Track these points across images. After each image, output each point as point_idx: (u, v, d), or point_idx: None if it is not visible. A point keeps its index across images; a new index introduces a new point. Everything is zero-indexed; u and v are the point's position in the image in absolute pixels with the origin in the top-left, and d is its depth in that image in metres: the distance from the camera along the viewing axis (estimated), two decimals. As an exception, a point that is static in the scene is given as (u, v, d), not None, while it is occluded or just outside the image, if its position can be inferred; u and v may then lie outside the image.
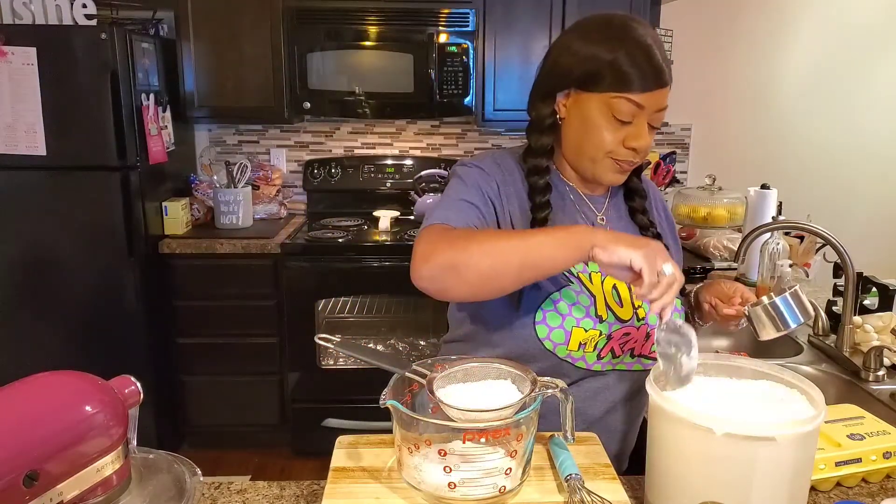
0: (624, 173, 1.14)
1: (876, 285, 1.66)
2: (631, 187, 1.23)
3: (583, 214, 1.19)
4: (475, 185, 1.12)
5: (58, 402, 0.74)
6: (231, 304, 2.80)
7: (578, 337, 1.10)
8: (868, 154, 3.42)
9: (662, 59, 1.06)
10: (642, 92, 1.05)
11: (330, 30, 2.84)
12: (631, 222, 1.22)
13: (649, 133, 1.10)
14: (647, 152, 1.13)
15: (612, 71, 1.05)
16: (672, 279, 0.90)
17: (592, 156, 1.12)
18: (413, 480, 0.86)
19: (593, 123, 1.09)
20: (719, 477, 0.81)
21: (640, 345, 1.15)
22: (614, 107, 1.06)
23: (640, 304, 1.14)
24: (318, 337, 0.98)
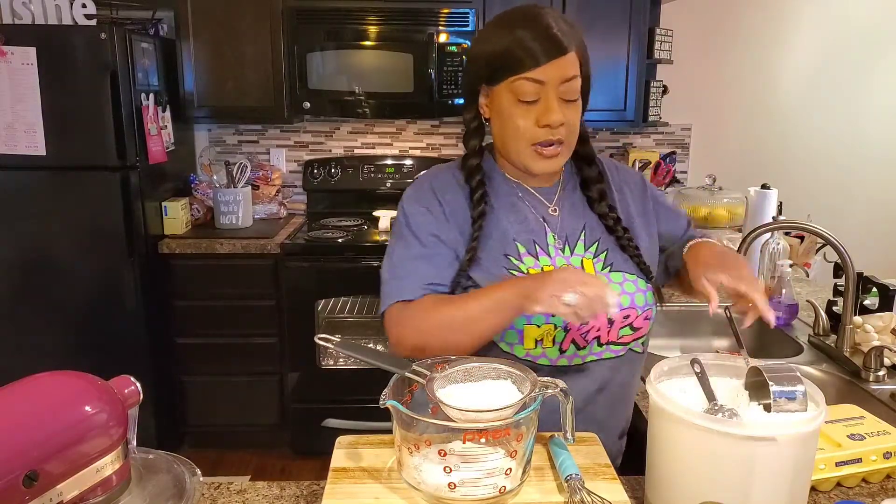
0: (551, 158, 1.12)
1: (876, 285, 1.65)
2: (583, 177, 1.22)
3: (532, 209, 1.18)
4: (424, 232, 1.14)
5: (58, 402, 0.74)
6: (231, 304, 2.80)
7: (532, 334, 1.10)
8: (868, 154, 3.42)
9: (558, 29, 1.07)
10: (537, 67, 1.06)
11: (330, 30, 2.84)
12: (588, 211, 1.20)
13: (566, 108, 1.09)
14: (572, 130, 1.12)
15: (506, 57, 1.08)
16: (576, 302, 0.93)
17: (515, 147, 1.13)
18: (413, 481, 0.86)
19: (506, 114, 1.11)
20: (719, 477, 0.81)
21: (606, 332, 1.13)
22: (517, 90, 1.08)
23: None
24: (318, 337, 0.98)
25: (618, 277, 1.15)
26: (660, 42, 3.04)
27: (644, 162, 3.14)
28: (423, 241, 1.14)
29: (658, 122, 3.25)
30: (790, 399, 0.84)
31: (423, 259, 1.13)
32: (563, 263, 1.14)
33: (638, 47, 2.93)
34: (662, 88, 3.19)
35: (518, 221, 1.17)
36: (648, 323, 1.18)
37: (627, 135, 3.41)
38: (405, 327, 1.09)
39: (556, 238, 1.17)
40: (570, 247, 1.16)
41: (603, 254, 1.17)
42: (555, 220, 1.18)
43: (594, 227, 1.19)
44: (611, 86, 2.97)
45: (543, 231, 1.17)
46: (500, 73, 1.09)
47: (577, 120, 1.12)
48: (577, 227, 1.18)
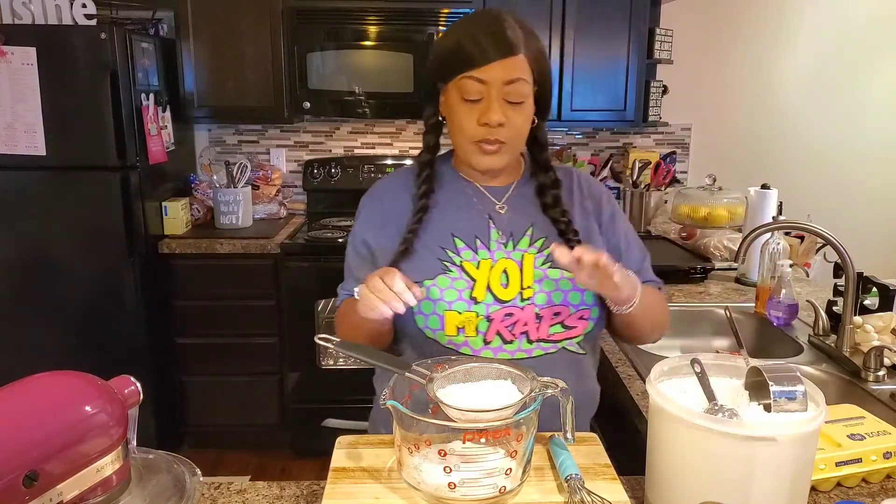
0: (492, 157, 1.15)
1: (876, 285, 1.65)
2: (539, 182, 1.23)
3: (480, 206, 1.21)
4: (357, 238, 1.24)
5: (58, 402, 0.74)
6: (231, 304, 2.80)
7: (453, 320, 1.12)
8: (868, 154, 3.42)
9: (510, 30, 1.10)
10: (482, 66, 1.08)
11: (330, 30, 2.84)
12: (540, 213, 1.22)
13: (509, 109, 1.11)
14: (515, 132, 1.13)
15: (454, 55, 1.11)
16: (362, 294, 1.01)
17: (461, 143, 1.17)
18: (413, 481, 0.86)
19: (454, 111, 1.14)
20: (719, 477, 0.81)
21: (534, 328, 1.14)
22: (462, 89, 1.11)
23: (528, 285, 1.14)
24: (318, 337, 0.98)
25: (555, 274, 1.15)
26: (660, 42, 3.04)
27: (644, 162, 3.14)
28: (357, 247, 1.24)
29: (658, 122, 3.25)
30: (790, 399, 0.84)
31: (350, 269, 1.25)
32: (502, 257, 1.16)
33: (638, 47, 2.93)
34: (662, 88, 3.19)
35: (462, 218, 1.19)
36: (586, 323, 1.16)
37: (627, 135, 3.41)
38: (337, 331, 1.24)
39: (500, 234, 1.19)
40: (513, 242, 1.18)
41: (547, 250, 1.17)
42: (501, 217, 1.21)
43: (542, 227, 1.21)
44: (611, 86, 2.97)
45: (487, 227, 1.19)
46: (451, 71, 1.12)
47: (520, 122, 1.14)
48: (524, 224, 1.20)
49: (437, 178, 1.22)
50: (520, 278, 1.14)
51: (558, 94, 2.96)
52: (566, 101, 2.97)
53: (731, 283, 2.21)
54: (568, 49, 2.91)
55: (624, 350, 1.58)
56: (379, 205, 1.24)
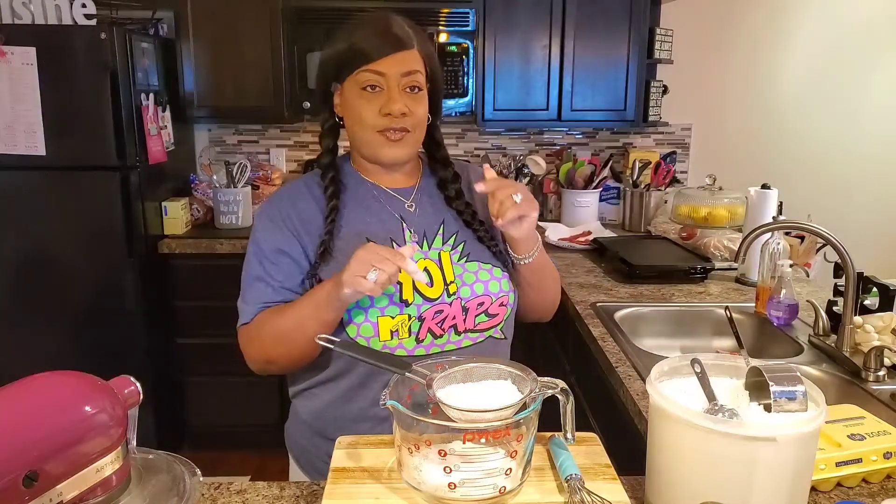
0: (397, 146, 1.17)
1: (876, 285, 1.65)
2: (440, 177, 1.27)
3: (389, 207, 1.22)
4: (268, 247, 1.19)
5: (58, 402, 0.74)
6: (231, 304, 2.74)
7: (387, 325, 1.13)
8: (868, 154, 3.42)
9: (399, 28, 1.14)
10: (378, 59, 1.12)
11: (330, 30, 2.83)
12: (446, 207, 1.25)
13: (410, 99, 1.14)
14: (417, 121, 1.16)
15: (351, 52, 1.13)
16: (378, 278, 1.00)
17: (363, 137, 1.17)
18: (413, 481, 0.86)
19: (353, 106, 1.15)
20: (719, 477, 0.81)
21: (461, 320, 1.16)
22: (360, 81, 1.13)
23: (451, 280, 1.17)
24: (319, 337, 0.98)
25: (473, 267, 1.20)
26: (660, 42, 3.04)
27: (644, 162, 3.14)
28: (268, 256, 1.19)
29: (658, 122, 3.25)
30: (790, 399, 0.84)
31: (261, 279, 1.19)
32: (420, 258, 1.17)
33: (638, 47, 2.93)
34: (662, 88, 3.19)
35: (374, 220, 1.21)
36: (506, 309, 1.21)
37: (627, 135, 3.41)
38: (248, 348, 1.21)
39: (414, 233, 1.20)
40: (427, 241, 1.20)
41: (460, 245, 1.22)
42: (412, 216, 1.23)
43: (451, 222, 1.24)
44: (611, 86, 2.98)
45: (400, 227, 1.21)
46: (347, 68, 1.15)
47: (422, 112, 1.17)
48: (435, 221, 1.23)
49: (341, 181, 1.23)
50: (441, 275, 1.17)
51: (558, 94, 2.96)
52: (566, 101, 2.97)
53: (731, 283, 2.21)
54: (568, 49, 2.91)
55: (624, 350, 1.58)
56: (283, 215, 1.20)
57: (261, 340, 1.18)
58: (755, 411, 0.87)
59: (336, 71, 1.17)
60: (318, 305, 1.10)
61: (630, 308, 1.91)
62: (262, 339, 1.17)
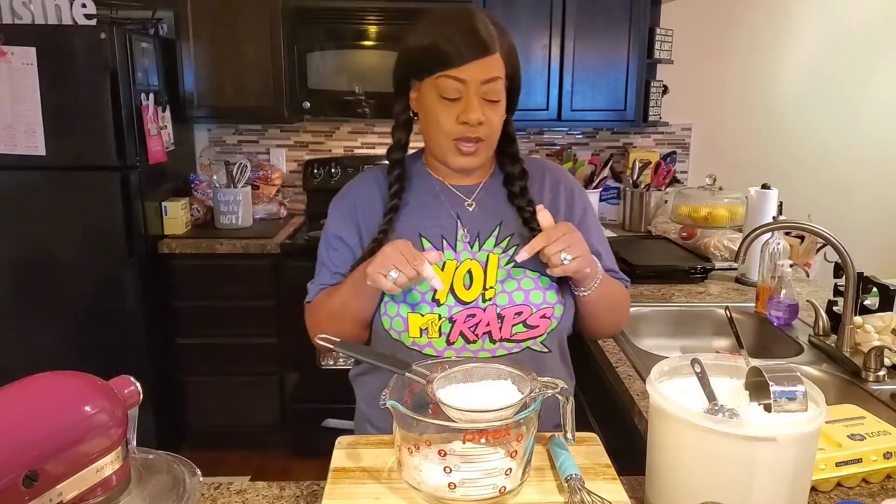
0: (469, 155, 1.16)
1: (876, 285, 1.65)
2: (507, 172, 1.24)
3: (448, 205, 1.22)
4: (331, 234, 1.25)
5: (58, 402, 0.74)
6: (231, 304, 2.80)
7: (417, 322, 1.12)
8: (868, 154, 3.42)
9: (484, 29, 1.10)
10: (460, 66, 1.09)
11: (330, 30, 2.84)
12: (508, 207, 1.23)
13: (487, 108, 1.12)
14: (492, 129, 1.15)
15: (432, 54, 1.11)
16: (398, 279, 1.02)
17: (438, 141, 1.16)
18: (413, 481, 0.86)
19: (431, 109, 1.14)
20: (719, 477, 0.81)
21: (496, 328, 1.14)
22: (440, 87, 1.11)
23: (491, 285, 1.15)
24: (319, 337, 0.98)
25: (518, 273, 1.16)
26: (660, 42, 3.04)
27: (644, 162, 3.14)
28: (330, 242, 1.24)
29: (658, 122, 3.25)
30: (790, 399, 0.84)
31: (323, 264, 1.24)
32: (467, 258, 1.17)
33: (638, 47, 2.93)
34: (662, 88, 3.19)
35: (429, 217, 1.20)
36: (549, 322, 1.16)
37: (627, 135, 3.41)
38: (309, 326, 1.24)
39: (467, 233, 1.19)
40: (479, 242, 1.19)
41: (512, 249, 1.18)
42: (469, 215, 1.21)
43: (510, 223, 1.21)
44: (611, 86, 2.97)
45: (455, 226, 1.20)
46: (427, 69, 1.12)
47: (498, 120, 1.16)
48: (492, 222, 1.21)
49: (408, 177, 1.23)
50: (483, 279, 1.15)
51: (558, 94, 2.97)
52: (566, 101, 2.97)
53: (731, 283, 2.21)
54: (568, 49, 2.91)
55: (624, 350, 1.58)
56: (350, 204, 1.25)
57: (317, 319, 1.22)
58: (755, 411, 0.87)
59: (416, 68, 1.15)
60: (354, 287, 1.13)
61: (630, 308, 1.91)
62: (318, 317, 1.22)
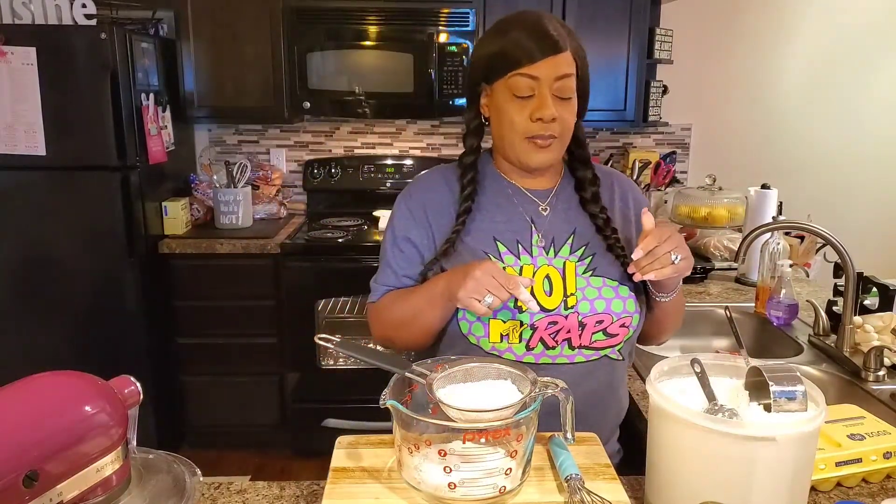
0: (545, 151, 1.15)
1: (876, 285, 1.65)
2: (578, 177, 1.24)
3: (521, 209, 1.21)
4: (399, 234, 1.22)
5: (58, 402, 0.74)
6: (231, 304, 2.80)
7: (498, 328, 1.12)
8: (868, 154, 3.42)
9: (554, 29, 1.11)
10: (532, 63, 1.10)
11: (330, 30, 2.84)
12: (581, 214, 1.22)
13: (560, 105, 1.12)
14: (566, 127, 1.15)
15: (503, 55, 1.12)
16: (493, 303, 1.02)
17: (511, 141, 1.16)
18: (413, 481, 0.86)
19: (503, 110, 1.14)
20: (719, 477, 0.81)
21: (577, 335, 1.14)
22: (513, 86, 1.12)
23: (571, 292, 1.14)
24: (318, 337, 0.98)
25: (597, 282, 1.16)
26: (660, 42, 3.04)
27: (644, 162, 3.14)
28: (397, 242, 1.22)
29: (658, 122, 3.25)
30: (790, 399, 0.84)
31: (390, 264, 1.22)
32: (544, 264, 1.16)
33: (638, 47, 2.93)
34: (662, 88, 3.19)
35: (504, 220, 1.19)
36: (627, 331, 1.17)
37: (627, 135, 3.41)
38: (373, 325, 1.25)
39: (541, 238, 1.18)
40: (554, 248, 1.18)
41: (588, 258, 1.18)
42: (543, 220, 1.20)
43: (584, 231, 1.20)
44: (611, 86, 2.97)
45: (529, 231, 1.19)
46: (498, 71, 1.13)
47: (570, 118, 1.15)
48: (566, 229, 1.20)
49: (480, 180, 1.22)
50: (563, 286, 1.14)
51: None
52: (566, 101, 2.97)
53: (731, 283, 2.21)
54: (568, 49, 2.91)
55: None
56: (419, 204, 1.23)
57: (382, 321, 1.22)
58: (755, 411, 0.88)
59: (486, 72, 1.16)
60: (432, 300, 1.12)
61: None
62: (383, 320, 1.22)
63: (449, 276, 1.10)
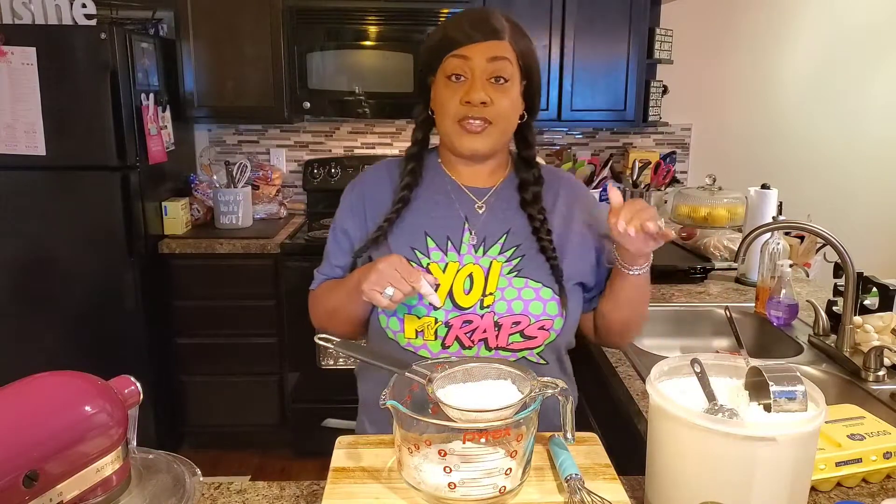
0: (476, 137, 1.15)
1: (876, 285, 1.65)
2: (522, 178, 1.23)
3: (458, 205, 1.21)
4: (338, 226, 1.25)
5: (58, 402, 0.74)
6: (231, 304, 2.80)
7: (412, 324, 1.12)
8: (868, 154, 3.42)
9: (496, 20, 1.13)
10: (465, 45, 1.11)
11: (330, 30, 2.84)
12: (519, 214, 1.21)
13: (494, 90, 1.12)
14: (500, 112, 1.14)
15: (443, 40, 1.14)
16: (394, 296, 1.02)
17: (446, 127, 1.17)
18: (413, 481, 0.86)
19: (439, 94, 1.15)
20: (719, 477, 0.81)
21: (493, 335, 1.13)
22: (446, 68, 1.13)
23: (490, 292, 1.13)
24: (318, 337, 0.98)
25: (519, 283, 1.15)
26: (660, 42, 3.04)
27: (644, 162, 3.14)
28: (335, 233, 1.26)
29: (658, 122, 3.25)
30: (790, 399, 0.84)
31: (328, 254, 1.27)
32: (470, 262, 1.15)
33: (638, 47, 2.93)
34: (662, 88, 3.19)
35: (439, 216, 1.19)
36: (547, 334, 1.15)
37: (627, 135, 3.41)
38: (311, 314, 1.28)
39: (473, 236, 1.18)
40: (484, 247, 1.17)
41: (517, 259, 1.17)
42: (478, 218, 1.20)
43: (519, 232, 1.19)
44: (611, 86, 2.98)
45: (461, 228, 1.19)
46: (438, 57, 1.14)
47: (507, 104, 1.14)
48: (500, 229, 1.19)
49: (422, 173, 1.23)
50: (483, 285, 1.14)
51: (558, 94, 2.97)
52: (566, 101, 2.97)
53: (731, 283, 2.21)
54: (568, 49, 2.91)
55: (624, 350, 1.58)
56: (358, 195, 1.25)
57: (317, 310, 1.26)
58: (755, 411, 0.88)
59: (430, 62, 1.17)
60: (349, 291, 1.13)
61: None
62: (318, 309, 1.26)
63: (362, 270, 1.10)
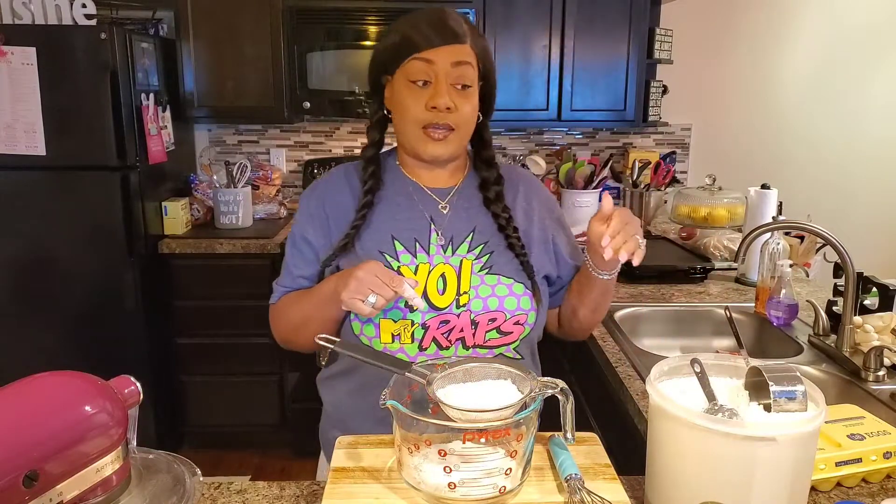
0: (440, 144, 1.15)
1: (876, 285, 1.65)
2: (483, 177, 1.23)
3: (421, 206, 1.20)
4: (298, 234, 1.22)
5: (58, 402, 0.74)
6: (231, 304, 2.80)
7: (389, 328, 1.12)
8: (868, 154, 3.42)
9: (455, 23, 1.12)
10: (429, 48, 1.10)
11: (330, 30, 2.84)
12: (483, 213, 1.22)
13: (458, 95, 1.12)
14: (463, 118, 1.14)
15: (403, 41, 1.12)
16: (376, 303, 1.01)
17: (408, 132, 1.15)
18: (413, 481, 0.86)
19: (401, 97, 1.14)
20: (719, 477, 0.81)
21: (470, 334, 1.13)
22: (408, 72, 1.12)
23: (464, 291, 1.14)
24: (319, 337, 0.98)
25: (492, 280, 1.16)
26: (660, 42, 3.04)
27: (644, 162, 3.14)
28: (295, 242, 1.23)
29: (658, 122, 3.25)
30: (790, 399, 0.84)
31: (288, 265, 1.24)
32: (440, 262, 1.16)
33: (638, 47, 2.93)
34: (662, 88, 3.19)
35: (404, 218, 1.19)
36: (522, 329, 1.16)
37: (627, 135, 3.41)
38: (273, 328, 1.25)
39: (441, 236, 1.18)
40: (453, 247, 1.18)
41: (486, 256, 1.18)
42: (443, 218, 1.20)
43: (485, 230, 1.20)
44: (611, 86, 2.98)
45: (428, 229, 1.18)
46: (398, 58, 1.13)
47: (469, 110, 1.14)
48: (466, 228, 1.20)
49: (382, 175, 1.22)
50: (457, 284, 1.14)
51: (558, 94, 2.97)
52: (566, 101, 2.97)
53: (731, 283, 2.21)
54: (568, 49, 2.91)
55: (624, 350, 1.58)
56: (320, 202, 1.22)
57: (281, 324, 1.23)
58: (755, 411, 0.88)
59: (387, 62, 1.15)
60: (321, 302, 1.12)
61: (630, 308, 1.91)
62: (281, 323, 1.23)
63: (337, 278, 1.09)
